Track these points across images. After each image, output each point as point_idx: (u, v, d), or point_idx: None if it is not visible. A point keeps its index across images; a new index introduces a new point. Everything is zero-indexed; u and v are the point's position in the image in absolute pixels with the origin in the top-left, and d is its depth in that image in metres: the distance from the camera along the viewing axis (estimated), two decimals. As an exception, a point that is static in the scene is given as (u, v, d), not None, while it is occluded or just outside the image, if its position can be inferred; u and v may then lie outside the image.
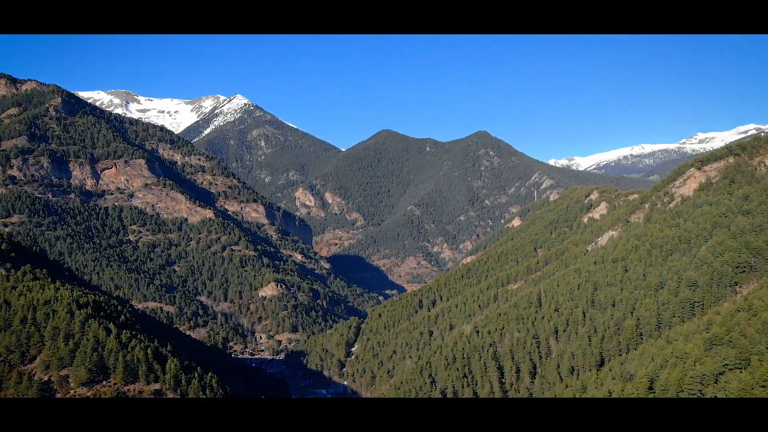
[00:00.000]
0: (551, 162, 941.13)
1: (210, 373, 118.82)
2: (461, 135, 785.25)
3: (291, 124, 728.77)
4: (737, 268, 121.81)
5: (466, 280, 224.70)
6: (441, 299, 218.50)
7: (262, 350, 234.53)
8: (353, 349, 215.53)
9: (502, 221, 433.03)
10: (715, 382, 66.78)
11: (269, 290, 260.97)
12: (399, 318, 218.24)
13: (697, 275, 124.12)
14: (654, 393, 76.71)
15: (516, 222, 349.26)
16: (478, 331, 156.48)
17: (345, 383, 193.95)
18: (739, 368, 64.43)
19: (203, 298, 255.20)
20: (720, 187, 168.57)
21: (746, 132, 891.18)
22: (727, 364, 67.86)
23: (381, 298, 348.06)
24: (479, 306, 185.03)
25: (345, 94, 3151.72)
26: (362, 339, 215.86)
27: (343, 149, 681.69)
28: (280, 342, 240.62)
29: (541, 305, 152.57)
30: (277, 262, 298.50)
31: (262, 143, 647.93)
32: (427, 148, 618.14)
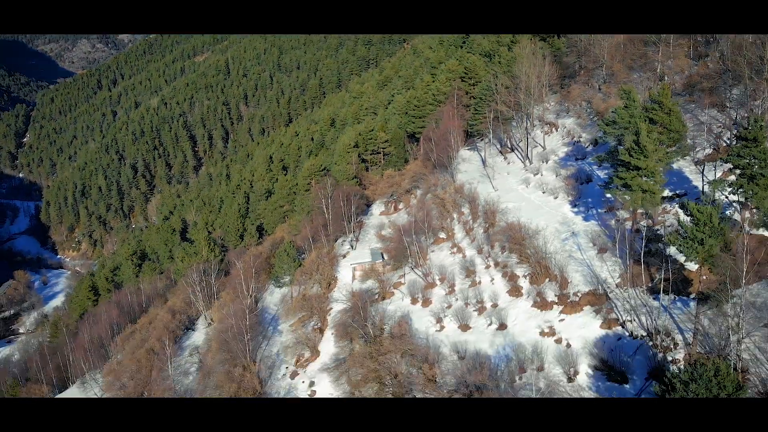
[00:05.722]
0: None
1: None
2: None
3: None
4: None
5: (149, 56, 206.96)
6: (122, 78, 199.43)
7: None
8: (25, 139, 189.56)
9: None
10: (386, 108, 75.23)
11: None
12: (76, 101, 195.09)
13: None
14: (335, 127, 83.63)
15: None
16: (166, 104, 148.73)
17: (21, 175, 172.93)
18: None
19: None
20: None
21: None
22: (394, 94, 76.35)
23: (51, 87, 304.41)
24: (165, 80, 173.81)
25: None
26: (34, 128, 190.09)
27: None
28: None
29: (229, 73, 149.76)
30: None
31: None
32: None
